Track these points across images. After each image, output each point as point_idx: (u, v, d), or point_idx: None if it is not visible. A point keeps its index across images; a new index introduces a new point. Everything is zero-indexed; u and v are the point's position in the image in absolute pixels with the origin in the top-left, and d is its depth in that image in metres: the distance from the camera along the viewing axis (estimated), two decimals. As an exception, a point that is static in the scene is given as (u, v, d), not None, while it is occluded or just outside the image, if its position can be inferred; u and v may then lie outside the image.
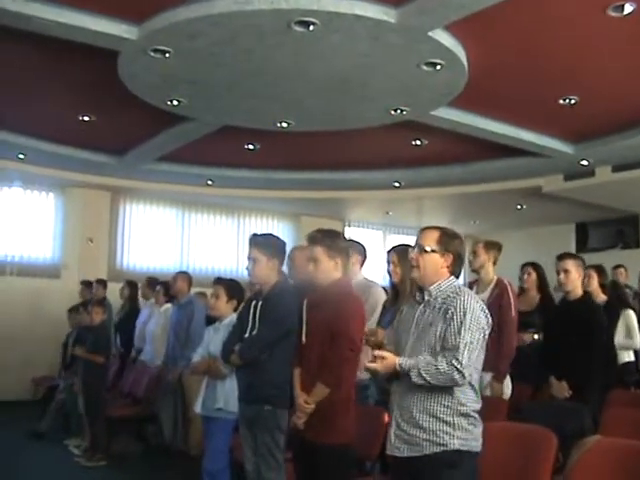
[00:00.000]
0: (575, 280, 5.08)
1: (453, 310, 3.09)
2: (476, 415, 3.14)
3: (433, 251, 3.25)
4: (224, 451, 4.88)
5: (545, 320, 5.58)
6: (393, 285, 4.99)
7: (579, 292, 5.11)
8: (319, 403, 3.74)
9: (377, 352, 3.18)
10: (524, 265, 6.33)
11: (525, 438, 3.10)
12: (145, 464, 7.29)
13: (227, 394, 4.79)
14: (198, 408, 4.99)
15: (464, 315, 3.07)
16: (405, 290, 4.79)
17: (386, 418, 4.39)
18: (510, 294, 5.40)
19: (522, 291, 6.22)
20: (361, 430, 4.07)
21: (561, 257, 5.18)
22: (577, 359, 4.84)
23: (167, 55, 6.09)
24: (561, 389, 4.89)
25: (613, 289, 6.86)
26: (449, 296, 3.17)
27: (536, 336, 5.69)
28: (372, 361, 3.15)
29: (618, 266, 8.71)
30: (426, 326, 3.18)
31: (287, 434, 4.19)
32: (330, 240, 3.97)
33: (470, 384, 3.11)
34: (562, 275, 5.09)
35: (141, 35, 5.79)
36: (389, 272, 4.96)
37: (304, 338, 3.92)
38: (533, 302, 6.07)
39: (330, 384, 3.74)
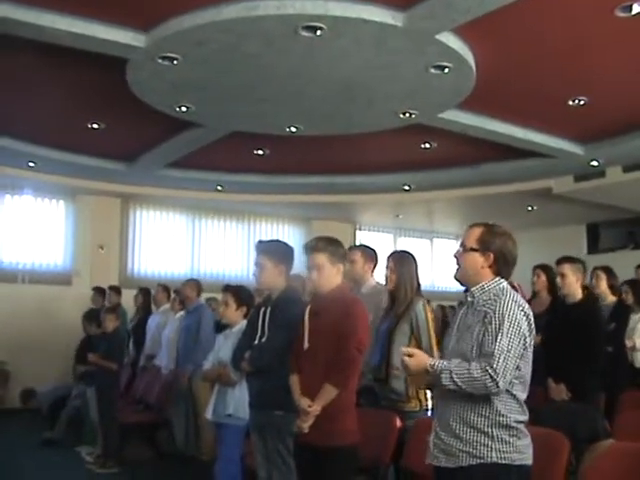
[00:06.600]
0: (572, 284, 5.10)
1: (492, 314, 2.92)
2: (520, 427, 2.96)
3: (473, 249, 3.08)
4: (235, 457, 4.89)
5: (545, 323, 5.55)
6: (389, 291, 4.89)
7: (578, 295, 5.11)
8: (325, 406, 3.74)
9: (404, 349, 3.08)
10: (534, 268, 6.32)
11: (537, 441, 3.05)
12: (157, 470, 7.29)
13: (237, 400, 4.81)
14: (209, 414, 5.01)
15: (502, 320, 2.89)
16: (400, 297, 4.73)
17: (398, 423, 4.39)
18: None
19: (535, 294, 6.19)
20: (372, 434, 4.05)
21: (558, 261, 5.22)
22: (574, 362, 4.82)
23: (175, 62, 6.11)
24: (559, 392, 4.87)
25: (635, 288, 6.81)
26: (490, 298, 3.00)
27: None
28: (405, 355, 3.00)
29: None
30: (465, 329, 3.04)
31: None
32: (333, 247, 4.00)
33: (511, 394, 2.93)
34: (559, 279, 5.15)
35: (149, 42, 5.81)
36: (386, 278, 4.87)
37: (306, 344, 3.92)
38: (544, 304, 6.05)
39: (339, 385, 3.75)
